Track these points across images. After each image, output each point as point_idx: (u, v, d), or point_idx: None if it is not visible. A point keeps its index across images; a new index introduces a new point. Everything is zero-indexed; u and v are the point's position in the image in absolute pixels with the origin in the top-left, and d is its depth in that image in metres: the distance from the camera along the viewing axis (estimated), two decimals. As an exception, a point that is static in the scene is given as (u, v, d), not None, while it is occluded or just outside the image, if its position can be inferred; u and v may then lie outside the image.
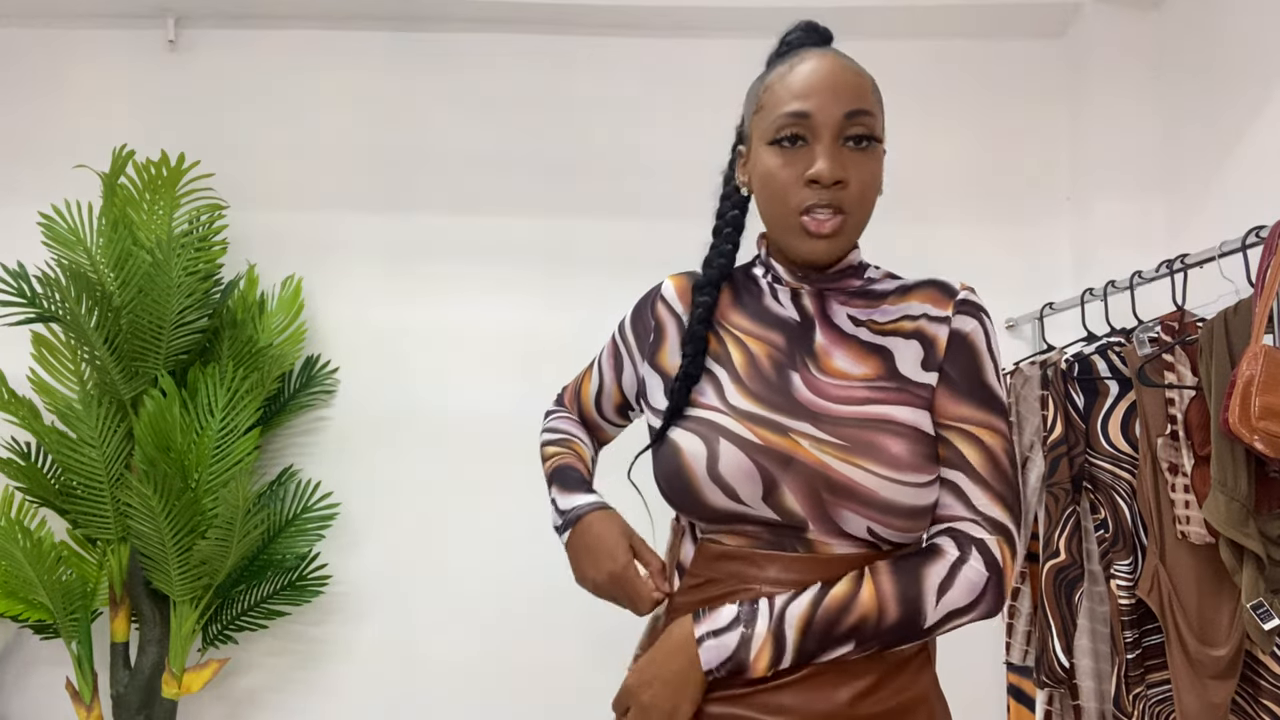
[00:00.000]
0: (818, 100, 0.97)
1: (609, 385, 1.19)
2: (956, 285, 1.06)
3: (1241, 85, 2.09)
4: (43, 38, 2.63)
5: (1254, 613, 1.46)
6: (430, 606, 2.50)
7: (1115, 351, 1.91)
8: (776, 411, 0.97)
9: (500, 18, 2.61)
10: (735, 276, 1.12)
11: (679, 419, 1.00)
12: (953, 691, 1.17)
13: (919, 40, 2.63)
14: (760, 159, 1.01)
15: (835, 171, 0.96)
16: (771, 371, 1.01)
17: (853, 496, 0.92)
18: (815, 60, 1.01)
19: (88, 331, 2.14)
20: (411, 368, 2.55)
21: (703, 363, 1.03)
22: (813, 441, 0.94)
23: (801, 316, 1.05)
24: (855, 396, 0.97)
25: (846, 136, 0.98)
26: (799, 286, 1.06)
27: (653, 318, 1.11)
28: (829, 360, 1.01)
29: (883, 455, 0.92)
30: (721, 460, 0.94)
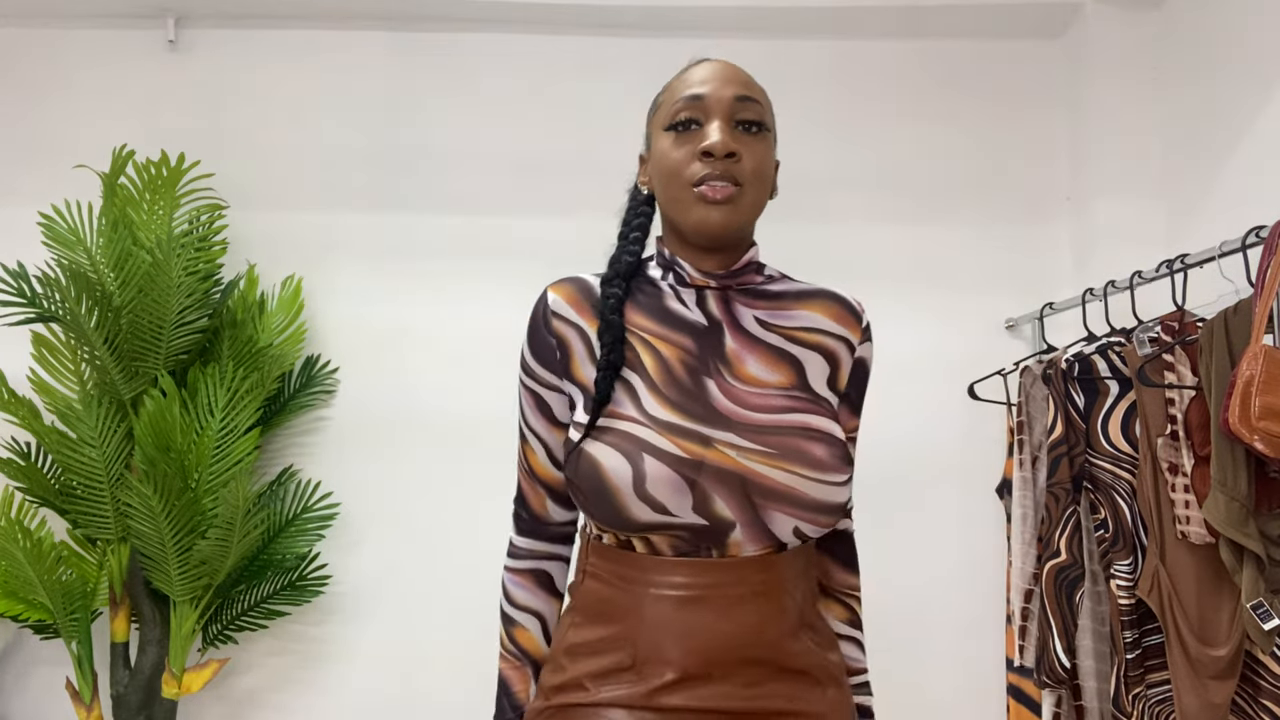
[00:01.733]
0: (711, 85, 1.03)
1: (550, 436, 1.09)
2: (856, 305, 1.12)
3: (1241, 85, 2.09)
4: (43, 38, 2.63)
5: (1254, 613, 1.46)
6: (430, 606, 2.50)
7: (1115, 351, 1.91)
8: (697, 421, 0.98)
9: (500, 18, 2.61)
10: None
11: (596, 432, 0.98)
12: (953, 691, 1.17)
13: (919, 40, 2.63)
14: (658, 146, 1.05)
15: (727, 143, 0.99)
16: (686, 378, 1.02)
17: (784, 499, 0.96)
18: (708, 62, 1.07)
19: (88, 331, 2.14)
20: (411, 368, 2.55)
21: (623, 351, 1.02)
22: (738, 451, 0.96)
23: (708, 320, 1.06)
24: (773, 405, 1.01)
25: (738, 120, 1.02)
26: (704, 284, 1.07)
27: (551, 335, 1.07)
28: (742, 366, 1.04)
29: (809, 459, 0.97)
30: (649, 478, 0.94)
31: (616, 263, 1.08)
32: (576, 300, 1.07)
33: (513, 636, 1.11)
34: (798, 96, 2.63)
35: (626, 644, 0.98)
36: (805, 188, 2.59)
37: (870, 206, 2.60)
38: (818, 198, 2.60)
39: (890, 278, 2.57)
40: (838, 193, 2.61)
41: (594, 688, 0.98)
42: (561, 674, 1.02)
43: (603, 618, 1.01)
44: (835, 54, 2.65)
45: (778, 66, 2.64)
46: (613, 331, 1.02)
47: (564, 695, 1.00)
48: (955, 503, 2.50)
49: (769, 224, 2.79)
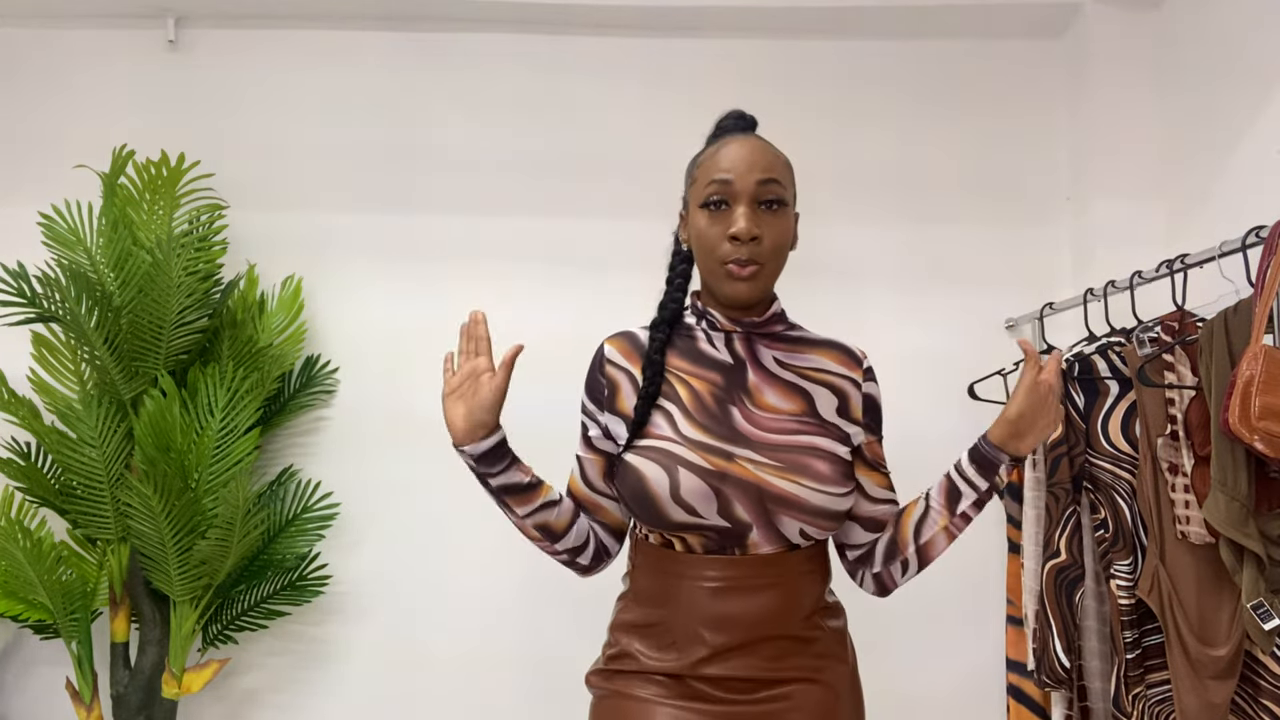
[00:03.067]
0: (737, 171, 1.21)
1: (589, 459, 1.31)
2: (858, 352, 1.34)
3: (1241, 85, 2.09)
4: (43, 38, 2.63)
5: (1254, 613, 1.46)
6: (430, 606, 2.50)
7: (1115, 351, 1.91)
8: (722, 440, 1.20)
9: (500, 18, 2.61)
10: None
11: (640, 448, 1.21)
12: (953, 691, 1.17)
13: (919, 40, 2.63)
14: (695, 220, 1.25)
15: (750, 230, 1.19)
16: (714, 406, 1.24)
17: (791, 505, 1.18)
18: (737, 142, 1.25)
19: (88, 331, 2.14)
20: (411, 368, 2.55)
21: (661, 382, 1.25)
22: (754, 464, 1.18)
23: (734, 359, 1.28)
24: (786, 428, 1.23)
25: (760, 200, 1.21)
26: (732, 330, 1.29)
27: (604, 378, 1.30)
28: (761, 397, 1.25)
29: (812, 472, 1.19)
30: (682, 486, 1.16)
31: (664, 309, 1.31)
32: (627, 351, 1.30)
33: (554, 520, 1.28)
34: (798, 96, 2.63)
35: (670, 625, 1.21)
36: (805, 188, 2.57)
37: (870, 206, 2.60)
38: (818, 197, 2.60)
39: (890, 277, 2.57)
40: (838, 192, 2.61)
41: (644, 658, 1.22)
42: (617, 647, 1.26)
43: (650, 602, 1.24)
44: (835, 54, 2.65)
45: (778, 66, 2.64)
46: (653, 368, 1.25)
47: (620, 663, 1.24)
48: (955, 503, 2.50)
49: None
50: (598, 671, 1.28)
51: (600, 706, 1.25)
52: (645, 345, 1.30)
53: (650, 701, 1.19)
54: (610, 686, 1.24)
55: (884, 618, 2.47)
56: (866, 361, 1.33)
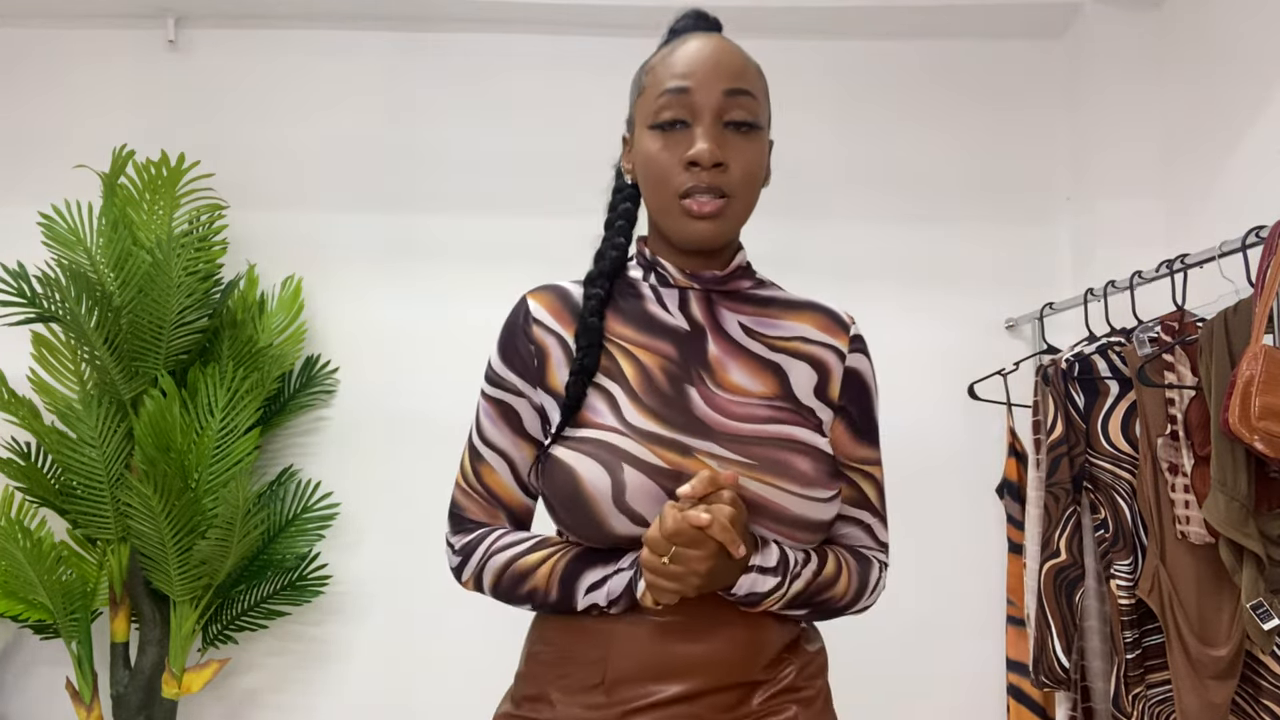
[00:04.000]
0: (697, 79, 0.94)
1: (517, 451, 1.03)
2: (844, 316, 1.08)
3: (1241, 85, 2.09)
4: (43, 38, 2.63)
5: (1254, 613, 1.46)
6: (430, 606, 2.50)
7: (1115, 351, 1.91)
8: (678, 430, 0.94)
9: (500, 18, 2.61)
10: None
11: (572, 441, 0.94)
12: (953, 691, 1.17)
13: (919, 40, 2.63)
14: (642, 144, 0.98)
15: (715, 153, 0.93)
16: (667, 385, 0.97)
17: (765, 514, 0.93)
18: (698, 41, 0.98)
19: (88, 331, 2.13)
20: (411, 368, 2.55)
21: (600, 354, 0.98)
22: (718, 462, 0.92)
23: (691, 325, 1.02)
24: (757, 415, 0.97)
25: (727, 121, 0.95)
26: (688, 286, 1.03)
27: (530, 342, 1.02)
28: (725, 374, 0.99)
29: (792, 472, 0.93)
30: (628, 490, 0.90)
31: (601, 259, 1.04)
32: (557, 309, 1.03)
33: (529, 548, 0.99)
34: (798, 96, 2.63)
35: (598, 662, 0.93)
36: (805, 187, 2.59)
37: (870, 206, 2.60)
38: (817, 197, 2.60)
39: (890, 277, 2.57)
40: (837, 192, 2.61)
41: (561, 703, 0.94)
42: (528, 684, 0.99)
43: (574, 632, 0.96)
44: (835, 54, 2.65)
45: (778, 66, 2.62)
46: (589, 335, 0.98)
47: (530, 707, 0.97)
48: (955, 503, 2.50)
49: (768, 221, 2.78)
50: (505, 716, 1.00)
51: None
52: (577, 302, 1.03)
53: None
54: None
55: (883, 617, 2.47)
56: (855, 328, 1.07)
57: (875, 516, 1.06)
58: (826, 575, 0.97)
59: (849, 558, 1.02)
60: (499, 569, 0.99)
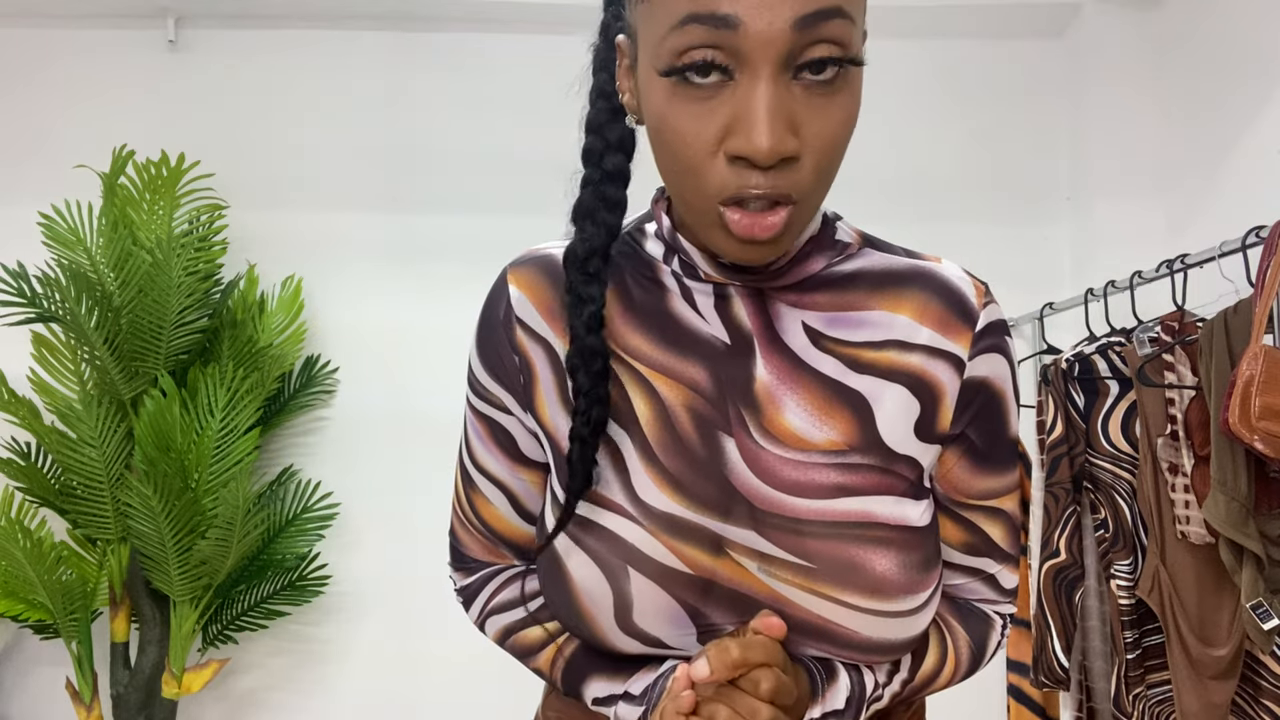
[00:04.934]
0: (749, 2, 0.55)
1: (512, 478, 0.76)
2: (971, 292, 0.71)
3: (1241, 85, 2.09)
4: (43, 38, 2.63)
5: (1254, 613, 1.46)
6: (430, 606, 2.50)
7: (1115, 351, 1.91)
8: (706, 512, 0.66)
9: (500, 18, 2.61)
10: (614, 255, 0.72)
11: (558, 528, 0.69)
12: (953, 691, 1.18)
13: (919, 40, 2.63)
14: (652, 95, 0.61)
15: (780, 143, 0.56)
16: (694, 435, 0.67)
17: (822, 638, 0.66)
18: None
19: (88, 331, 2.13)
20: (411, 368, 2.55)
21: (608, 402, 0.67)
22: (760, 562, 0.65)
23: (732, 335, 0.69)
24: (819, 483, 0.66)
25: (802, 64, 0.57)
26: (725, 282, 0.69)
27: (515, 352, 0.72)
28: (776, 414, 0.67)
29: (867, 580, 0.64)
30: (636, 607, 0.66)
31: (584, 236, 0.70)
32: (546, 302, 0.72)
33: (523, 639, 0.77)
34: (798, 96, 2.63)
35: None
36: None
37: (869, 206, 2.59)
38: (818, 198, 2.60)
39: (890, 278, 2.57)
40: (837, 192, 2.60)
41: None
42: None
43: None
44: (835, 54, 2.64)
45: (778, 66, 2.64)
46: (590, 367, 0.66)
47: None
48: (955, 503, 2.50)
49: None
50: None
51: None
52: None
53: None
54: None
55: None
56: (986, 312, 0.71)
57: (1003, 562, 0.76)
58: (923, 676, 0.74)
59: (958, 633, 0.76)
60: (500, 633, 0.79)
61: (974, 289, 0.71)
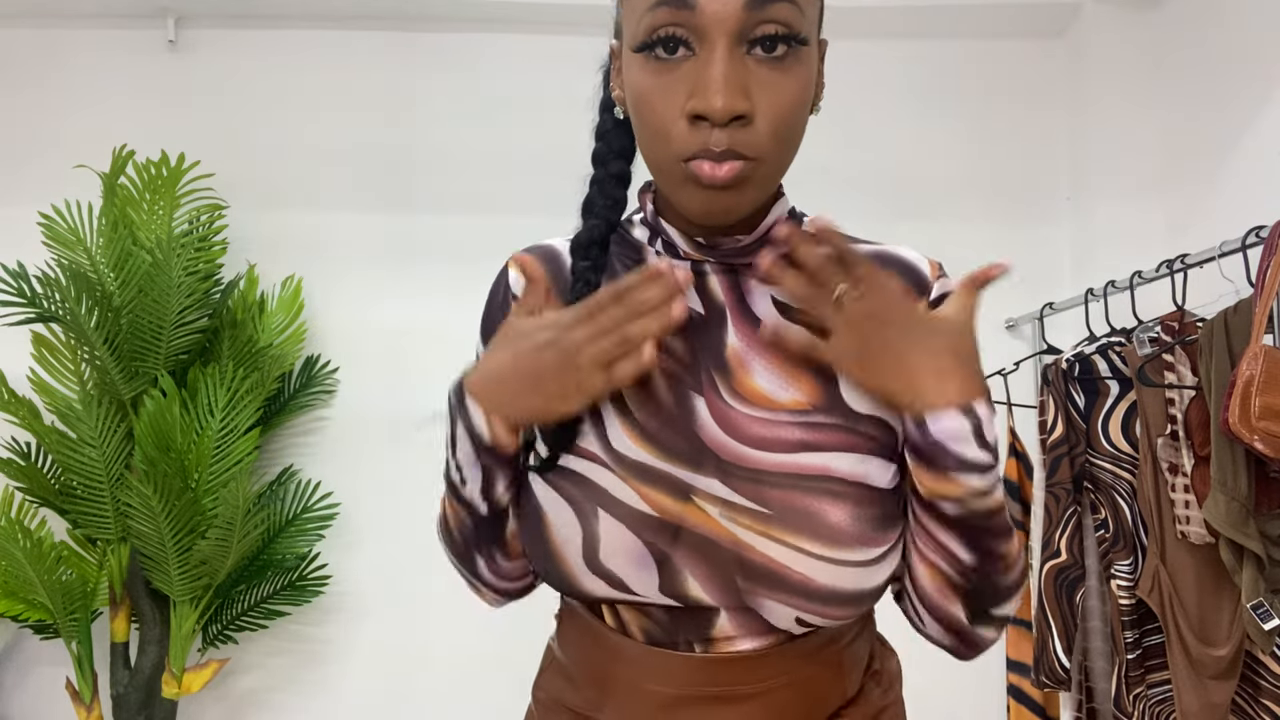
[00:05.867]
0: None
1: None
2: (925, 268, 0.79)
3: (1241, 85, 2.09)
4: (43, 38, 2.63)
5: (1254, 613, 1.46)
6: (430, 606, 2.50)
7: (1116, 351, 1.91)
8: (676, 462, 0.71)
9: (500, 18, 2.61)
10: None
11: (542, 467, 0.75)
12: (953, 691, 1.17)
13: (919, 40, 2.63)
14: (630, 73, 0.70)
15: (731, 103, 0.64)
16: (668, 395, 0.73)
17: (777, 583, 0.69)
18: None
19: (88, 331, 2.13)
20: (411, 368, 2.55)
21: None
22: (723, 508, 0.70)
23: (707, 307, 0.76)
24: (783, 439, 0.71)
25: (754, 39, 0.66)
26: (701, 259, 0.77)
27: None
28: (746, 376, 0.73)
29: (820, 527, 0.68)
30: (603, 545, 0.70)
31: (589, 226, 0.80)
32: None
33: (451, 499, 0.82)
34: (798, 96, 2.63)
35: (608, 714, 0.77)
36: (804, 188, 2.59)
37: (870, 206, 2.60)
38: (816, 198, 2.59)
39: (890, 278, 2.57)
40: (837, 193, 2.61)
41: None
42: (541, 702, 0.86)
43: (581, 680, 0.80)
44: (834, 54, 2.63)
45: (778, 66, 2.64)
46: None
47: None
48: (955, 503, 2.50)
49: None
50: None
51: None
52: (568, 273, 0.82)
53: None
54: None
55: (884, 617, 2.47)
56: (939, 284, 0.78)
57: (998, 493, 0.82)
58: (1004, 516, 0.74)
59: None
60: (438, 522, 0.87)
61: (929, 265, 0.80)
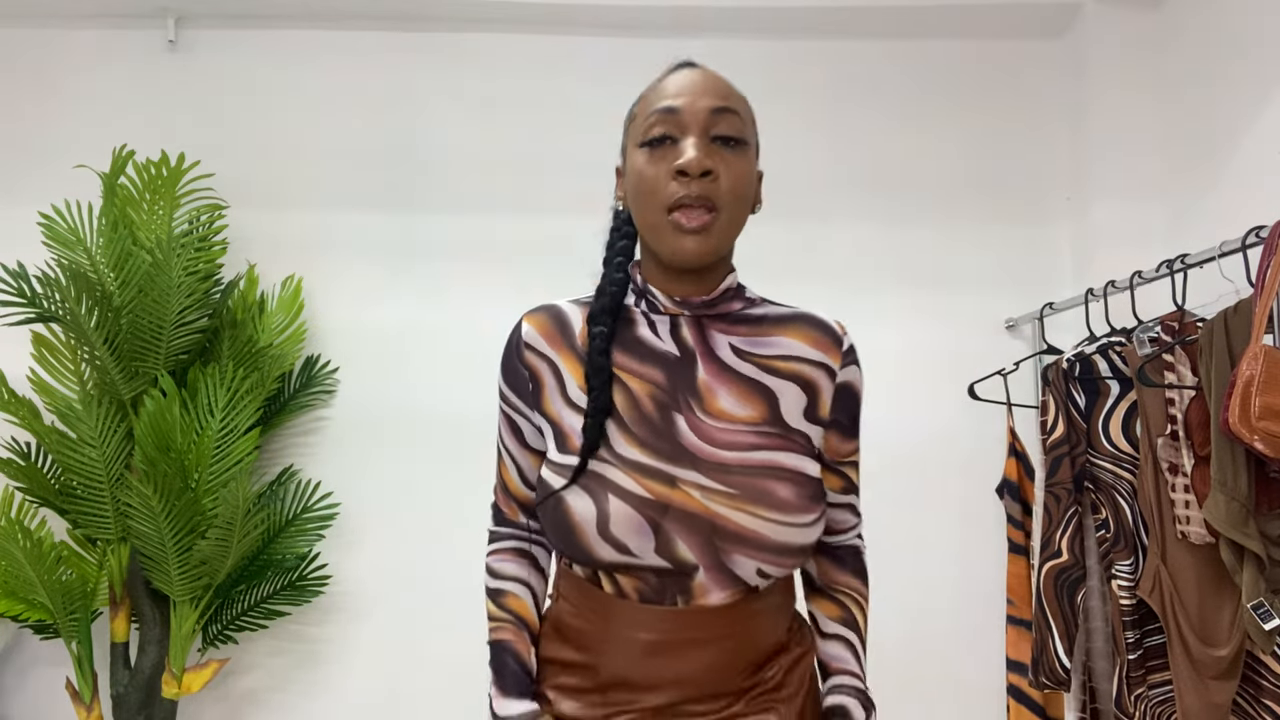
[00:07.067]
0: (686, 98, 0.99)
1: (523, 458, 1.11)
2: (836, 327, 1.09)
3: (1242, 85, 2.09)
4: (43, 38, 2.63)
5: (1254, 613, 1.46)
6: (430, 606, 2.50)
7: (1116, 351, 1.91)
8: (663, 460, 0.98)
9: (500, 18, 2.61)
10: None
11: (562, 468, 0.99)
12: (953, 691, 1.17)
13: (920, 40, 2.63)
14: (633, 162, 1.01)
15: (703, 161, 0.95)
16: (655, 413, 1.01)
17: (744, 542, 0.96)
18: (686, 70, 1.03)
19: (88, 331, 2.13)
20: (411, 368, 2.55)
21: (610, 394, 1.01)
22: (702, 491, 0.96)
23: (681, 350, 1.04)
24: (741, 442, 0.99)
25: (715, 135, 0.98)
26: (678, 313, 1.05)
27: (524, 366, 1.07)
28: (713, 400, 1.02)
29: (774, 500, 0.96)
30: (612, 519, 0.95)
31: (602, 295, 1.05)
32: (550, 332, 1.07)
33: (503, 604, 1.09)
34: (797, 97, 2.63)
35: (593, 669, 1.01)
36: (805, 188, 2.59)
37: (870, 206, 2.60)
38: (817, 198, 2.60)
39: (890, 278, 2.57)
40: (838, 193, 2.61)
41: (557, 700, 1.03)
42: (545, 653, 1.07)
43: (571, 642, 1.03)
44: (835, 54, 2.65)
45: (776, 67, 2.64)
46: (600, 375, 1.01)
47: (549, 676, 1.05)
48: (955, 503, 2.50)
49: (768, 223, 2.78)
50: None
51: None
52: (571, 325, 1.07)
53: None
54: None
55: (884, 617, 2.47)
56: (847, 340, 1.09)
57: (856, 495, 1.16)
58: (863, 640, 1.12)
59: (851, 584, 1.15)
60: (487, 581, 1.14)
61: (838, 326, 1.10)
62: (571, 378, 1.04)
